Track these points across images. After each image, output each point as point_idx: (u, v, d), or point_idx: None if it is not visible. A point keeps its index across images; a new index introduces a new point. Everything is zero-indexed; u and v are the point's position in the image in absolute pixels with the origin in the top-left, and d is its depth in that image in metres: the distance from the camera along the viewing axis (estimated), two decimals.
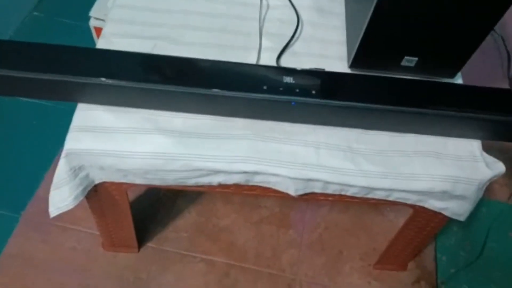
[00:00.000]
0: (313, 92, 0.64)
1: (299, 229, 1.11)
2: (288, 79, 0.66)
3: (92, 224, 1.03)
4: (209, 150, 0.65)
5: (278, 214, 1.12)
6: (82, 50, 0.67)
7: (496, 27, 1.66)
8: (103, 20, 1.09)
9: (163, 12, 0.82)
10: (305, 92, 0.64)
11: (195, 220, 1.09)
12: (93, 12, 1.11)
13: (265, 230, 1.09)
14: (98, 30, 1.13)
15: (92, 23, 1.12)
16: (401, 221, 0.90)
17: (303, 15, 0.85)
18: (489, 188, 1.22)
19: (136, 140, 0.65)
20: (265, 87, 0.64)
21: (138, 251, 1.01)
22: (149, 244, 1.03)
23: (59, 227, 1.03)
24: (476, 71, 1.50)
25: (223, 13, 0.84)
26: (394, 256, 1.00)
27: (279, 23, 0.83)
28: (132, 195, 1.05)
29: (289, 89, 0.64)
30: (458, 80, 0.78)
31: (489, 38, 1.69)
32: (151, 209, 1.08)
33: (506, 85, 1.48)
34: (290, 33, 0.82)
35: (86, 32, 1.17)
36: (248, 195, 0.99)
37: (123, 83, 0.63)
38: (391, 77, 0.70)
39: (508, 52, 1.53)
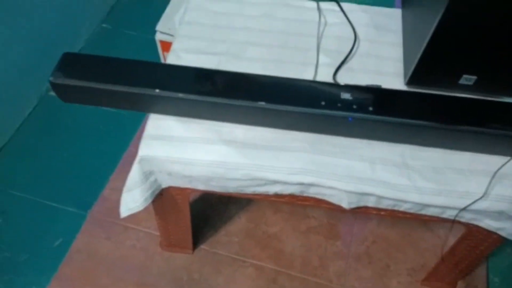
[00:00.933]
0: (370, 108, 0.67)
1: (347, 241, 1.12)
2: (346, 96, 0.69)
3: (151, 224, 1.11)
4: (269, 160, 0.69)
5: (326, 225, 1.14)
6: (157, 65, 0.74)
7: None
8: (168, 34, 1.18)
9: (227, 29, 0.88)
10: (362, 108, 0.67)
11: (245, 226, 1.13)
12: (159, 27, 1.19)
13: (313, 239, 1.12)
14: (164, 44, 1.21)
15: (158, 36, 1.20)
16: (451, 238, 0.90)
17: (360, 32, 0.88)
18: None
19: (202, 149, 0.70)
20: (323, 103, 0.67)
21: (193, 252, 1.07)
22: (203, 247, 1.08)
23: (121, 226, 1.11)
24: None
25: (283, 30, 0.88)
26: (443, 274, 0.99)
27: (337, 40, 0.87)
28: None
29: (346, 105, 0.67)
30: None
31: None
32: (205, 214, 1.14)
33: None
34: (347, 49, 0.85)
35: (151, 44, 1.26)
36: (298, 205, 1.02)
37: (192, 97, 0.68)
38: (448, 95, 0.71)
39: None
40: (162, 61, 1.29)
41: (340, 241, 1.12)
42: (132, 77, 0.70)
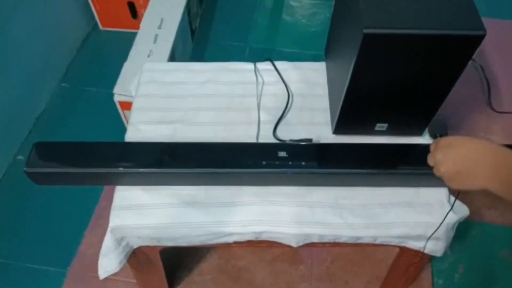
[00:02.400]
0: (303, 163, 0.80)
1: (308, 264, 1.25)
2: (282, 154, 0.82)
3: (128, 273, 1.19)
4: (225, 216, 0.81)
5: (288, 252, 1.26)
6: (118, 145, 0.85)
7: (476, 57, 1.83)
8: (125, 95, 1.28)
9: (179, 97, 0.99)
10: (296, 164, 0.80)
11: (216, 262, 1.24)
12: (116, 89, 1.30)
13: (278, 267, 1.24)
14: (122, 104, 1.32)
15: (116, 98, 1.30)
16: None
17: (293, 88, 1.02)
18: (479, 211, 1.36)
19: (166, 214, 0.81)
20: (264, 162, 0.80)
21: None
22: None
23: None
24: (461, 99, 1.65)
25: (227, 93, 1.01)
26: (393, 283, 1.13)
27: (274, 97, 1.00)
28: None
29: (283, 162, 0.80)
30: (426, 135, 0.92)
31: (470, 67, 1.86)
32: (178, 257, 1.24)
33: (489, 110, 1.62)
34: (283, 105, 0.98)
35: (109, 98, 1.34)
36: None
37: (152, 170, 0.80)
38: (367, 144, 0.85)
39: (487, 80, 1.67)
40: (122, 118, 1.39)
41: (303, 265, 1.25)
42: (98, 159, 0.80)
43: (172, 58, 1.45)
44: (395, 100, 0.80)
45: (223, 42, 1.83)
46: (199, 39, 1.83)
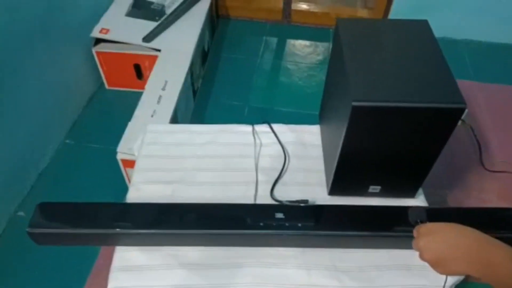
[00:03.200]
0: (299, 225, 0.82)
1: None
2: (279, 215, 0.84)
3: None
4: (221, 279, 0.81)
5: None
6: (119, 205, 0.87)
7: (466, 118, 1.90)
8: (128, 154, 1.33)
9: (179, 158, 1.04)
10: (293, 225, 0.82)
11: None
12: (120, 148, 1.34)
13: None
14: (125, 162, 1.36)
15: (119, 156, 1.35)
16: None
17: (289, 149, 1.06)
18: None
19: (163, 275, 0.82)
20: (261, 224, 0.82)
21: None
22: None
23: None
24: (454, 159, 1.70)
25: (226, 154, 1.05)
26: None
27: (271, 158, 1.04)
28: None
29: (280, 224, 0.82)
30: (420, 196, 0.95)
31: (461, 129, 1.92)
32: None
33: (481, 170, 1.66)
34: (280, 166, 1.02)
35: (112, 155, 1.38)
36: None
37: (150, 231, 0.82)
38: (362, 206, 0.88)
39: (478, 141, 1.73)
40: (124, 176, 1.43)
41: None
42: (98, 219, 0.83)
43: (175, 117, 1.51)
44: (386, 164, 0.84)
45: (223, 102, 1.91)
46: (201, 99, 1.91)
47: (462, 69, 2.05)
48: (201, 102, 1.90)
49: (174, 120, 1.50)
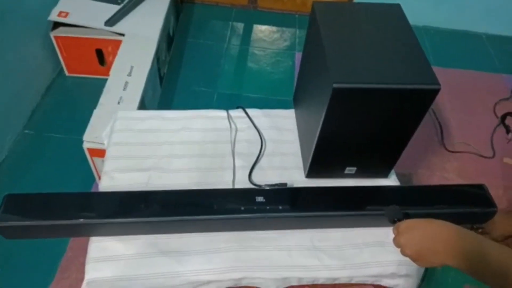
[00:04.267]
0: (280, 207, 0.83)
1: None
2: (260, 199, 0.84)
3: None
4: (202, 264, 0.81)
5: None
6: (91, 195, 0.84)
7: None
8: (95, 142, 1.27)
9: (153, 145, 1.01)
10: (274, 208, 0.82)
11: None
12: (85, 137, 1.28)
13: None
14: (91, 151, 1.30)
15: (86, 145, 1.29)
16: None
17: (265, 134, 1.06)
18: None
19: (142, 264, 0.80)
20: (242, 208, 0.82)
21: None
22: None
23: None
24: (417, 141, 1.77)
25: (201, 140, 1.03)
26: None
27: (247, 143, 1.03)
28: None
29: (261, 207, 0.82)
30: (392, 176, 0.99)
31: None
32: None
33: (442, 151, 1.74)
34: (257, 151, 1.02)
35: (76, 145, 1.31)
36: None
37: (126, 220, 0.79)
38: (339, 187, 0.90)
39: (439, 123, 1.81)
40: (91, 165, 1.37)
41: None
42: (70, 210, 0.79)
43: (142, 104, 1.47)
44: (362, 146, 0.86)
45: (191, 88, 1.88)
46: (168, 85, 1.86)
47: None
48: (168, 88, 1.85)
49: (142, 107, 1.46)
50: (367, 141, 0.84)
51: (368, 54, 0.77)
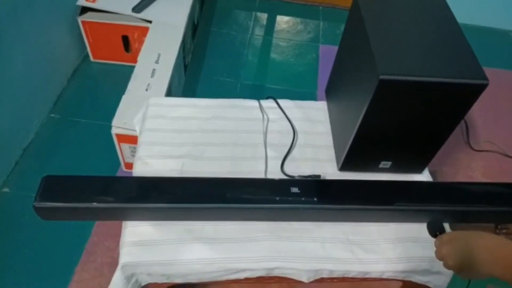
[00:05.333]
0: (315, 199, 0.83)
1: None
2: (295, 189, 0.84)
3: None
4: (238, 252, 0.81)
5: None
6: (127, 179, 0.84)
7: None
8: (124, 128, 1.28)
9: (185, 132, 1.01)
10: (309, 200, 0.82)
11: None
12: (114, 122, 1.29)
13: None
14: (119, 137, 1.31)
15: (114, 131, 1.30)
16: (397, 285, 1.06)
17: (297, 126, 1.05)
18: None
19: (178, 249, 0.80)
20: (277, 198, 0.82)
21: None
22: None
23: None
24: None
25: (233, 129, 1.03)
26: None
27: (279, 134, 1.03)
28: None
29: (296, 198, 0.82)
30: (425, 172, 0.97)
31: None
32: None
33: (468, 149, 1.72)
34: (289, 142, 1.01)
35: (101, 129, 1.32)
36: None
37: (163, 205, 0.79)
38: (373, 181, 0.89)
39: (465, 122, 1.78)
40: (118, 150, 1.38)
41: None
42: (107, 193, 0.79)
43: (169, 92, 1.47)
44: (400, 140, 0.85)
45: (215, 77, 1.87)
46: (191, 74, 1.86)
47: None
48: (192, 77, 1.85)
49: (169, 94, 1.46)
50: (406, 135, 0.83)
51: (414, 46, 0.76)
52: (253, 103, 1.09)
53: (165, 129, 1.01)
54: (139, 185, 0.84)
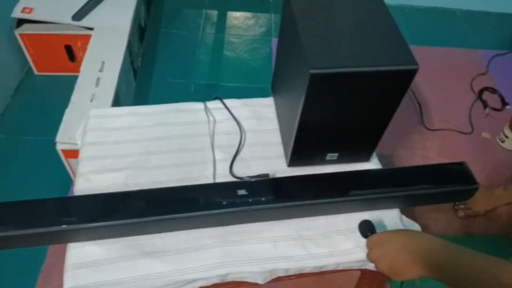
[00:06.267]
0: (263, 199, 0.81)
1: None
2: (242, 192, 0.82)
3: None
4: (187, 263, 0.78)
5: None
6: (66, 200, 0.81)
7: None
8: (69, 143, 1.23)
9: (128, 143, 0.97)
10: (256, 200, 0.81)
11: None
12: (59, 138, 1.24)
13: None
14: (66, 152, 1.26)
15: (59, 147, 1.24)
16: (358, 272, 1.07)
17: (245, 124, 1.03)
18: (425, 223, 1.44)
19: (125, 267, 0.77)
20: (224, 203, 0.80)
21: None
22: None
23: None
24: (397, 120, 1.77)
25: (179, 134, 1.00)
26: None
27: (226, 135, 1.01)
28: None
29: (243, 200, 0.80)
30: (374, 159, 0.98)
31: None
32: None
33: (422, 129, 1.75)
34: (237, 142, 0.99)
35: (50, 146, 1.26)
36: None
37: (105, 223, 0.76)
38: (319, 174, 0.88)
39: (419, 103, 1.82)
40: (67, 167, 1.32)
41: None
42: (47, 217, 0.75)
43: (117, 100, 1.42)
44: (343, 131, 0.84)
45: (167, 80, 1.83)
46: (142, 78, 1.81)
47: None
48: (143, 82, 1.80)
49: (116, 103, 1.41)
50: (348, 125, 0.83)
51: (344, 37, 0.75)
52: (198, 105, 1.06)
53: (106, 141, 0.97)
54: (78, 204, 0.80)
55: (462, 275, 0.56)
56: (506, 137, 1.68)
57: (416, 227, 0.88)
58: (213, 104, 1.07)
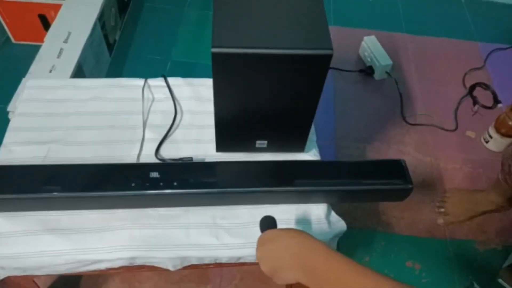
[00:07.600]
0: (175, 184, 0.77)
1: (217, 282, 1.22)
2: (154, 174, 0.79)
3: None
4: (91, 243, 0.76)
5: (196, 272, 1.23)
6: None
7: (391, 71, 1.87)
8: None
9: (59, 116, 0.94)
10: (168, 184, 0.77)
11: (119, 286, 1.18)
12: (10, 107, 1.22)
13: (185, 287, 1.20)
14: None
15: (11, 116, 1.23)
16: None
17: (184, 105, 0.99)
18: (387, 221, 1.38)
19: (27, 242, 0.75)
20: (133, 184, 0.77)
21: None
22: None
23: None
24: (377, 112, 1.70)
25: (113, 110, 0.97)
26: None
27: (162, 115, 0.97)
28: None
29: (154, 184, 0.77)
30: (312, 150, 0.92)
31: (387, 80, 1.89)
32: (77, 283, 1.18)
33: (402, 123, 1.67)
34: (171, 123, 0.95)
35: (2, 114, 1.24)
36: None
37: (13, 196, 0.74)
38: (244, 161, 0.84)
39: (400, 94, 1.73)
40: None
41: (210, 284, 1.21)
42: None
43: (80, 73, 1.39)
44: (266, 117, 0.79)
45: (144, 56, 1.79)
46: (119, 53, 1.78)
47: (396, 22, 2.01)
48: (119, 57, 1.77)
49: (79, 75, 1.39)
50: (269, 111, 0.78)
51: (261, 19, 0.69)
52: (139, 81, 1.03)
53: (37, 113, 0.95)
54: None
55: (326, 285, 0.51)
56: (491, 137, 1.59)
57: (341, 224, 0.84)
58: (156, 82, 1.03)
